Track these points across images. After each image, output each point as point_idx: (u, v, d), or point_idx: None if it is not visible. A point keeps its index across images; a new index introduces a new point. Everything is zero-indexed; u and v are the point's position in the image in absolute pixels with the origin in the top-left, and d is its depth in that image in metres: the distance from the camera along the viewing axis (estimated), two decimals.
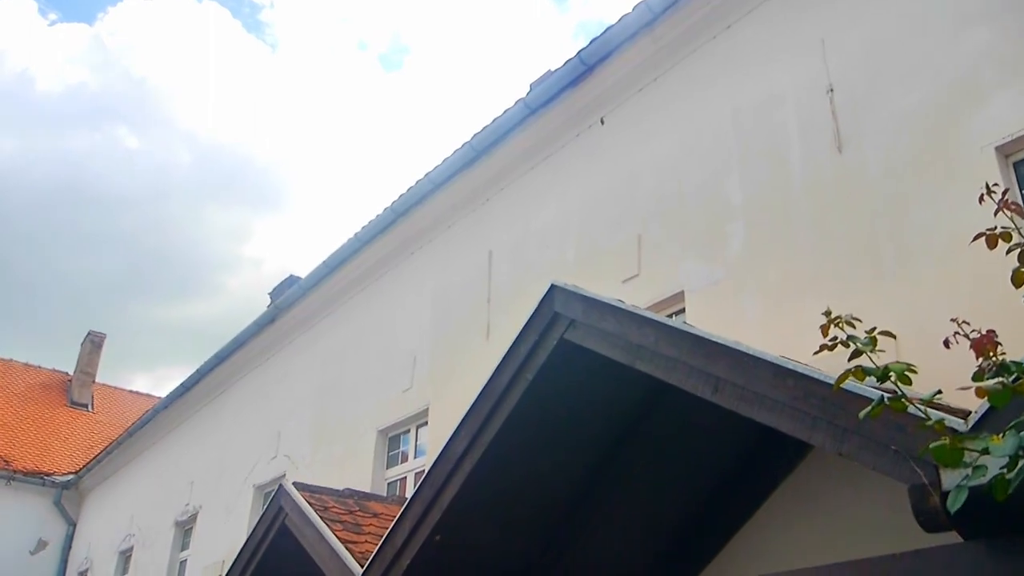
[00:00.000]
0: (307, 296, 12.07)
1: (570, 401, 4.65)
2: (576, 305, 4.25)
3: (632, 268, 7.12)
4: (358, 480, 9.31)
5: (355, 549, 5.51)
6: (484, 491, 4.73)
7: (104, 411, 24.67)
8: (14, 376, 24.59)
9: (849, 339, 2.48)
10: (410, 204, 10.01)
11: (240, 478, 12.82)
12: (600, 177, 7.88)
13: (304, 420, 11.62)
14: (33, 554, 20.37)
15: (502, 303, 8.55)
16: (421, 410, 9.23)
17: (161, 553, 15.22)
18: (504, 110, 8.73)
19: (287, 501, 6.13)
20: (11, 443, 21.29)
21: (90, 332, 25.98)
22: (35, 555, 20.39)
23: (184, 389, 15.34)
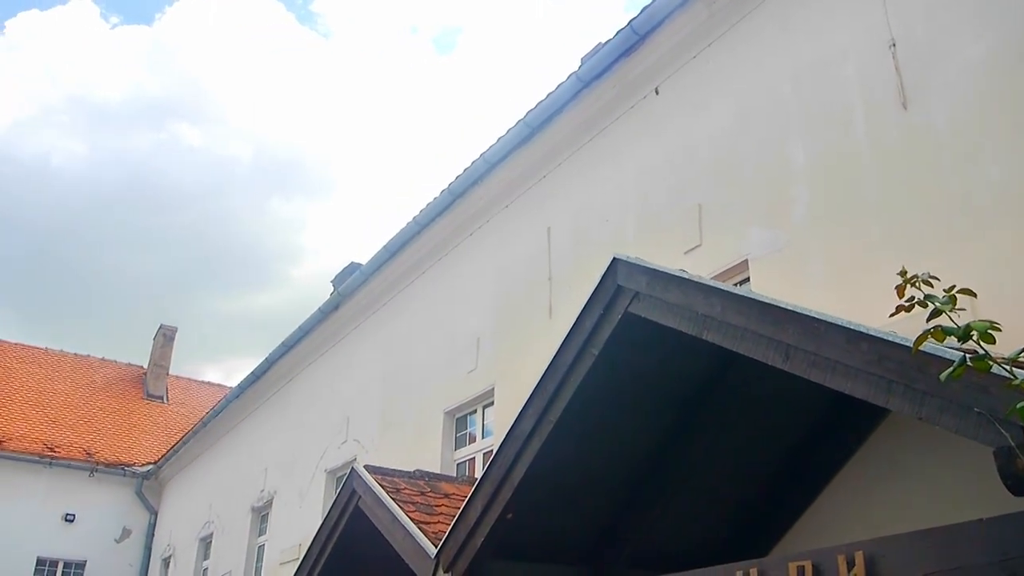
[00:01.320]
0: (369, 282, 12.18)
1: (637, 375, 4.61)
2: (640, 277, 4.19)
3: (694, 238, 7.02)
4: (427, 461, 9.39)
5: (428, 529, 5.55)
6: (553, 469, 4.72)
7: (179, 402, 25.35)
8: (92, 371, 25.38)
9: (927, 298, 2.39)
10: (467, 185, 10.01)
11: (312, 463, 13.05)
12: (657, 147, 7.77)
13: (372, 404, 11.76)
14: (119, 542, 21.11)
15: (563, 280, 8.51)
16: (486, 390, 9.26)
17: (239, 539, 15.62)
18: (557, 85, 8.66)
19: (360, 484, 6.21)
20: (93, 436, 22.02)
21: (162, 326, 26.67)
22: (120, 543, 21.12)
23: (254, 378, 15.66)
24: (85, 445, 21.45)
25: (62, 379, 24.16)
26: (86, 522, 20.64)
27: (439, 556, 5.14)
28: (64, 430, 21.73)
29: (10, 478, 20.00)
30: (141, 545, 21.31)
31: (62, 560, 20.34)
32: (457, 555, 5.00)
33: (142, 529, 21.45)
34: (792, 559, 3.51)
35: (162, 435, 22.78)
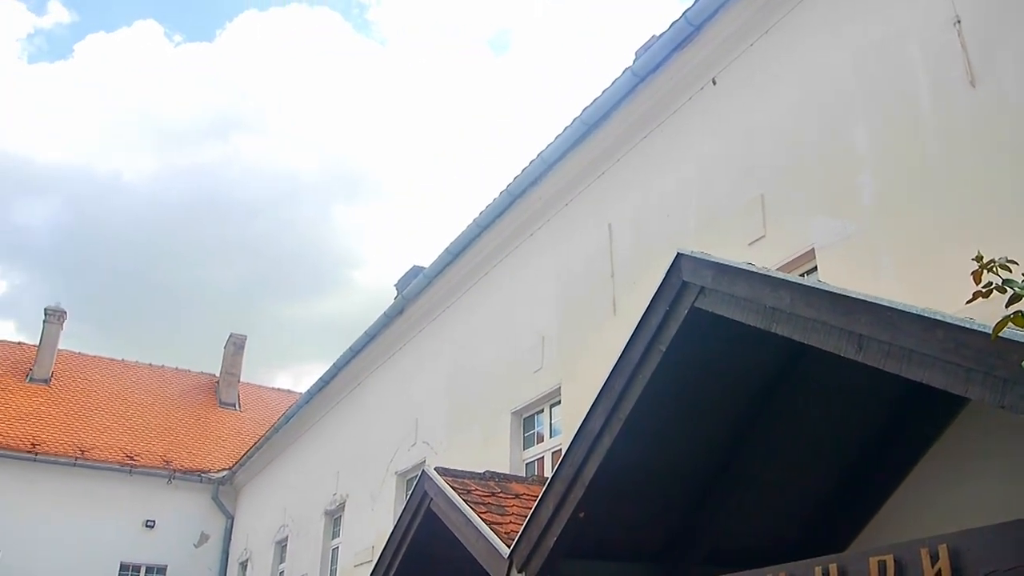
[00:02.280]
0: (432, 285, 12.28)
1: (705, 371, 4.57)
2: (705, 272, 4.15)
3: (757, 230, 6.92)
4: (496, 462, 9.43)
5: (500, 530, 5.58)
6: (624, 466, 4.70)
7: (251, 409, 25.88)
8: (167, 381, 26.06)
9: (1006, 283, 2.33)
10: (526, 185, 10.02)
11: (382, 466, 13.21)
12: (717, 139, 7.68)
13: (439, 406, 11.86)
14: (197, 547, 21.64)
15: (626, 276, 8.47)
16: (553, 389, 9.26)
17: (314, 542, 15.88)
18: (612, 81, 8.61)
19: (431, 486, 6.26)
20: (170, 444, 22.61)
21: (231, 335, 27.26)
22: (199, 548, 21.65)
23: (323, 383, 15.90)
24: (163, 453, 22.04)
25: (139, 390, 24.86)
26: (166, 528, 21.21)
27: (512, 556, 5.16)
28: (143, 439, 22.36)
29: (93, 487, 20.67)
30: (219, 549, 21.82)
31: (144, 565, 20.94)
32: (530, 555, 5.01)
33: (219, 534, 21.96)
34: (873, 554, 3.45)
35: (236, 442, 23.29)
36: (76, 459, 20.66)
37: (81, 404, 23.13)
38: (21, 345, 25.42)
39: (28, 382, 23.39)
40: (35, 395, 22.90)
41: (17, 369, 23.88)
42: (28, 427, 21.18)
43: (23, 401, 22.37)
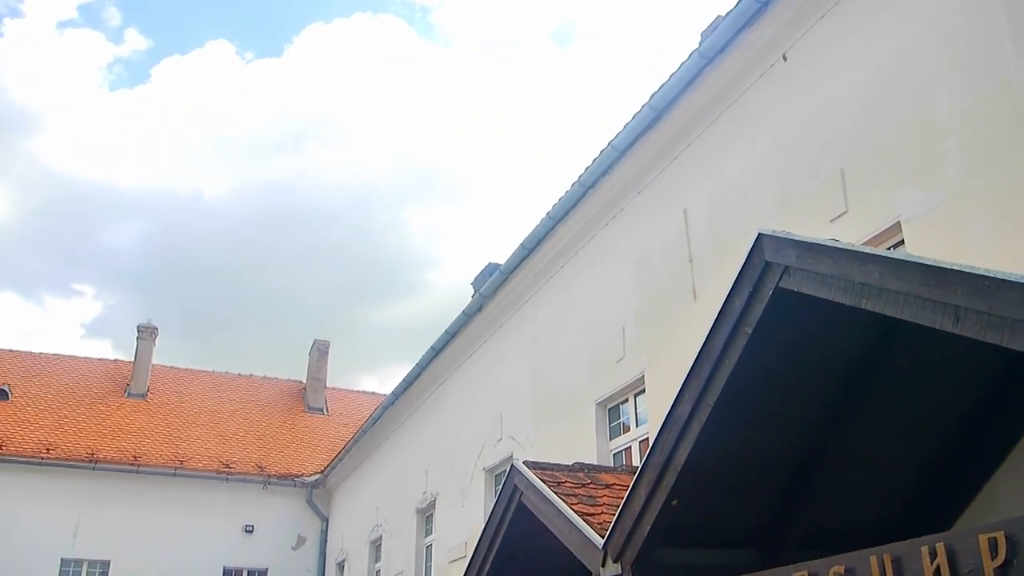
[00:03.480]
0: (509, 281, 12.33)
1: (794, 351, 4.48)
2: (788, 251, 4.07)
3: (839, 205, 6.76)
4: (583, 453, 9.42)
5: (593, 521, 5.58)
6: (715, 452, 4.65)
7: (338, 413, 26.40)
8: (256, 389, 26.79)
9: None
10: (597, 175, 9.98)
11: (470, 463, 13.33)
12: (791, 116, 7.52)
13: (524, 400, 11.90)
14: (295, 549, 22.19)
15: (705, 261, 8.37)
16: (636, 378, 9.21)
17: (407, 540, 16.12)
18: (679, 64, 8.51)
19: (521, 480, 6.29)
20: (263, 451, 23.24)
21: (315, 341, 27.84)
22: (297, 550, 22.19)
23: (407, 384, 16.12)
24: (257, 460, 22.66)
25: (230, 399, 25.61)
26: (264, 532, 21.82)
27: (607, 546, 5.16)
28: (237, 447, 23.03)
29: (193, 495, 21.38)
30: (316, 551, 22.34)
31: (245, 569, 21.58)
32: (625, 544, 5.00)
33: (316, 536, 22.48)
34: (982, 531, 3.33)
35: (326, 445, 23.80)
36: (176, 469, 21.42)
37: (177, 416, 23.95)
38: (118, 362, 26.44)
39: (127, 397, 24.33)
40: (134, 410, 23.80)
41: (116, 386, 24.84)
42: (129, 441, 22.03)
43: (123, 416, 23.28)
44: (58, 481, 20.52)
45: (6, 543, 19.21)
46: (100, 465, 20.87)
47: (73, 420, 22.41)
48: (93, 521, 20.38)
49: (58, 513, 20.13)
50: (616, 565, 5.10)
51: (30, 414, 22.19)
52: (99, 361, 26.54)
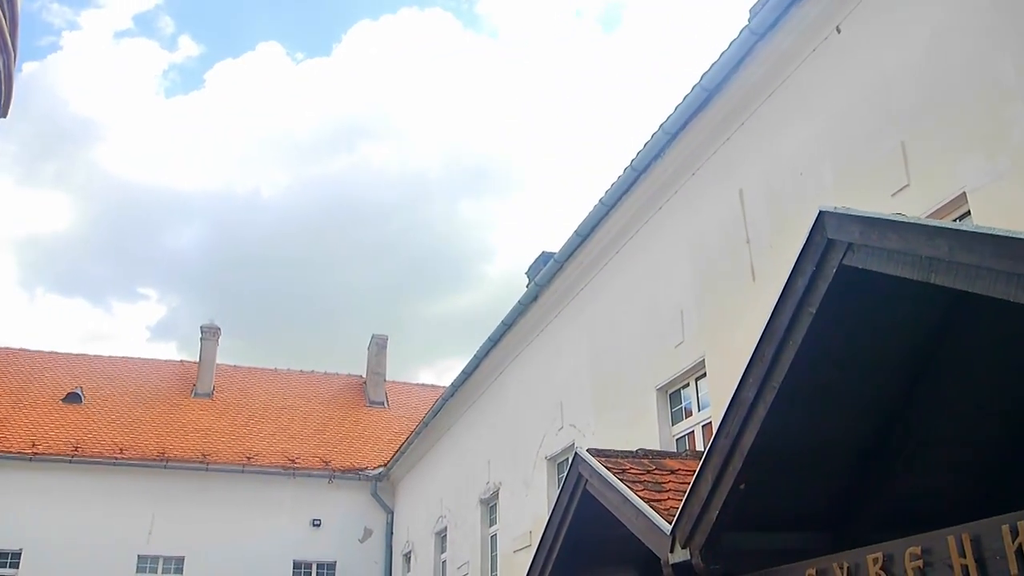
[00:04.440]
0: (564, 269, 12.30)
1: (860, 329, 4.39)
2: (851, 227, 3.98)
3: (900, 179, 6.61)
4: (645, 440, 9.38)
5: (659, 507, 5.55)
6: (782, 435, 4.58)
7: (398, 406, 26.66)
8: (318, 385, 27.19)
9: None
10: (649, 159, 9.89)
11: (532, 452, 13.35)
12: (847, 89, 7.36)
13: (583, 388, 11.88)
14: (362, 542, 22.49)
15: (762, 241, 8.25)
16: (697, 362, 9.13)
17: (472, 530, 16.23)
18: (729, 42, 8.38)
19: (585, 468, 6.28)
20: (327, 445, 23.58)
21: (374, 335, 28.13)
22: (364, 543, 22.49)
23: (465, 376, 16.21)
24: (321, 455, 23.00)
25: (293, 396, 26.04)
26: (331, 526, 22.14)
27: (675, 532, 5.12)
28: (302, 442, 23.41)
29: (261, 491, 21.80)
30: (382, 543, 22.61)
31: (315, 563, 21.93)
32: (693, 530, 4.96)
33: (381, 528, 22.75)
34: None
35: (387, 438, 24.05)
36: (243, 466, 21.85)
37: (242, 414, 24.43)
38: (183, 363, 27.05)
39: (193, 397, 24.88)
40: (201, 409, 24.33)
41: (182, 386, 25.43)
42: (198, 440, 22.53)
43: (191, 416, 23.81)
44: (132, 481, 21.09)
45: (85, 542, 19.82)
46: (171, 464, 21.39)
47: (143, 421, 23.00)
48: (166, 518, 20.91)
49: (133, 511, 20.70)
50: (684, 551, 5.06)
51: (102, 416, 22.82)
52: (165, 362, 27.20)
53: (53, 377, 24.28)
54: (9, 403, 22.58)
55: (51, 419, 22.23)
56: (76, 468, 20.83)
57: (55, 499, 20.24)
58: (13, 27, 8.01)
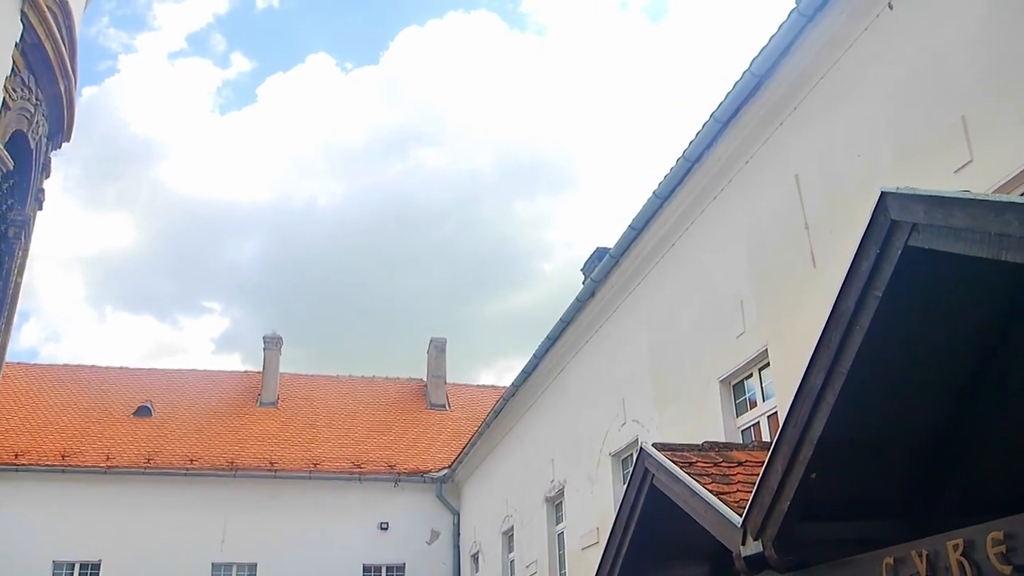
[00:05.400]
0: (620, 264, 12.23)
1: (929, 311, 4.28)
2: (915, 207, 3.89)
3: (962, 155, 6.42)
4: (709, 432, 9.29)
5: (729, 499, 5.49)
6: (853, 422, 4.49)
7: (460, 408, 26.81)
8: (379, 390, 27.49)
9: None
10: (702, 149, 9.78)
11: (596, 448, 13.31)
12: (902, 66, 7.19)
13: (644, 383, 11.81)
14: (430, 544, 22.66)
15: (821, 226, 8.10)
16: (759, 352, 9.00)
17: (539, 529, 16.24)
18: (778, 26, 8.24)
19: (651, 463, 6.24)
20: (391, 449, 23.82)
21: (432, 339, 28.33)
22: (431, 544, 22.65)
23: (525, 375, 16.22)
24: (386, 458, 23.24)
25: (356, 402, 26.37)
26: (398, 528, 22.37)
27: (746, 524, 5.06)
28: (366, 447, 23.69)
29: (328, 496, 22.11)
30: (450, 544, 22.76)
31: (384, 565, 22.17)
32: (764, 521, 4.89)
33: (448, 529, 22.90)
34: None
35: (450, 440, 24.20)
36: (310, 472, 22.19)
37: (307, 421, 24.81)
38: (248, 373, 27.58)
39: (259, 406, 25.34)
40: (267, 418, 24.77)
41: (248, 396, 25.92)
42: (265, 448, 22.95)
43: (257, 425, 24.27)
44: (203, 490, 21.56)
45: (161, 551, 20.32)
46: (240, 473, 21.81)
47: (212, 431, 23.49)
48: (238, 526, 21.33)
49: (205, 520, 21.16)
50: (756, 543, 5.00)
51: (172, 428, 23.37)
52: (230, 373, 27.76)
53: (124, 392, 24.93)
54: (83, 419, 23.25)
55: (124, 433, 22.84)
56: (149, 480, 21.38)
57: (130, 510, 20.79)
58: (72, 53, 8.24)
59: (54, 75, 7.95)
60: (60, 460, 21.13)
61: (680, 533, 6.29)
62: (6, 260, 8.02)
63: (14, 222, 8.08)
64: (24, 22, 7.31)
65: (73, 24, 8.26)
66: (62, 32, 7.93)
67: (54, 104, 8.20)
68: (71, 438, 22.17)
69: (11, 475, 20.19)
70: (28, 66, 7.53)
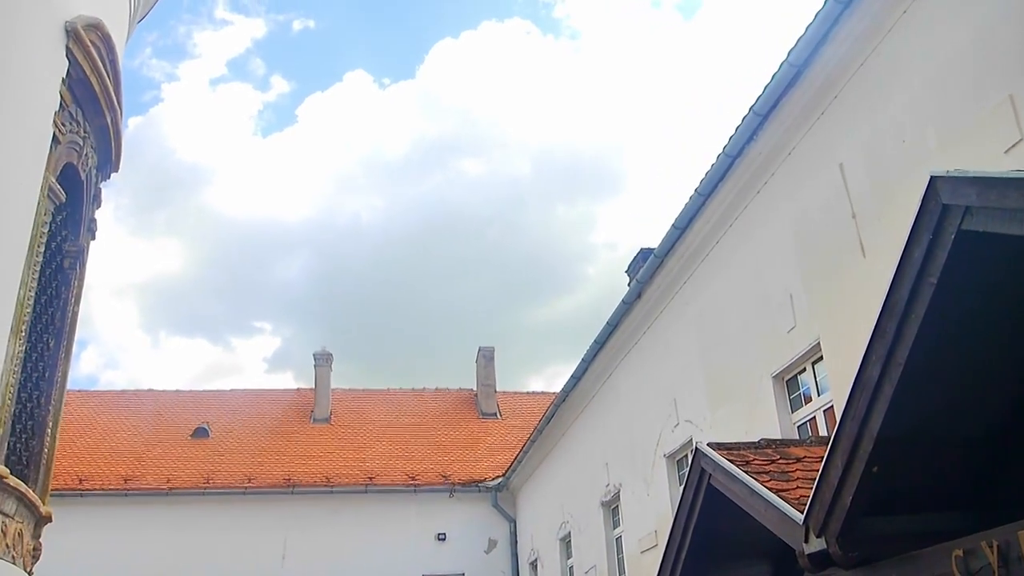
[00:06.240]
0: (665, 264, 12.15)
1: (986, 296, 4.18)
2: (967, 190, 3.80)
3: (1012, 133, 6.27)
4: (764, 429, 9.17)
5: (789, 496, 5.41)
6: (913, 412, 4.40)
7: (511, 416, 26.81)
8: (430, 401, 27.62)
9: None
10: (742, 143, 9.68)
11: (650, 451, 13.22)
12: (945, 46, 7.04)
13: (696, 382, 11.70)
14: (488, 553, 22.67)
15: (869, 215, 7.97)
16: (812, 346, 8.87)
17: (596, 534, 16.16)
18: (814, 14, 8.14)
19: (708, 463, 6.18)
20: (445, 459, 23.91)
21: (480, 348, 28.38)
22: (489, 553, 22.66)
23: (575, 380, 16.17)
24: (440, 469, 23.33)
25: (408, 414, 26.52)
26: (456, 538, 22.43)
27: (808, 521, 4.99)
28: (420, 459, 23.81)
29: (385, 509, 22.27)
30: (508, 553, 22.75)
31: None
32: (827, 517, 4.81)
33: (505, 538, 22.90)
34: None
35: (503, 448, 24.20)
36: (366, 486, 22.35)
37: (360, 436, 25.02)
38: (300, 391, 27.88)
39: (312, 423, 25.62)
40: (321, 434, 25.03)
41: (301, 413, 26.22)
42: (321, 464, 23.18)
43: (312, 441, 24.54)
44: (262, 508, 21.84)
45: (223, 569, 20.58)
46: (297, 489, 22.06)
47: (268, 450, 23.80)
48: (297, 543, 21.55)
49: (266, 537, 21.42)
50: (820, 540, 4.92)
51: (229, 448, 23.72)
52: (283, 391, 28.10)
53: (181, 414, 25.37)
54: (143, 442, 23.70)
55: (182, 455, 23.23)
56: (209, 500, 21.71)
57: (191, 531, 21.12)
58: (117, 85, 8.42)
59: (100, 108, 8.13)
60: (122, 484, 21.58)
61: (740, 533, 6.22)
62: (63, 291, 8.20)
63: (69, 253, 8.26)
64: (69, 57, 7.49)
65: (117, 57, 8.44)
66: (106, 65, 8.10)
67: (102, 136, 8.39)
68: (132, 462, 22.62)
69: (76, 500, 20.60)
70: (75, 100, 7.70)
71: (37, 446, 7.64)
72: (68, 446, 22.28)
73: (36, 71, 7.18)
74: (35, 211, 7.07)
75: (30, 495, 7.02)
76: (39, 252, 7.19)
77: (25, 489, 6.90)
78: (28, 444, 7.54)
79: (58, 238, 8.05)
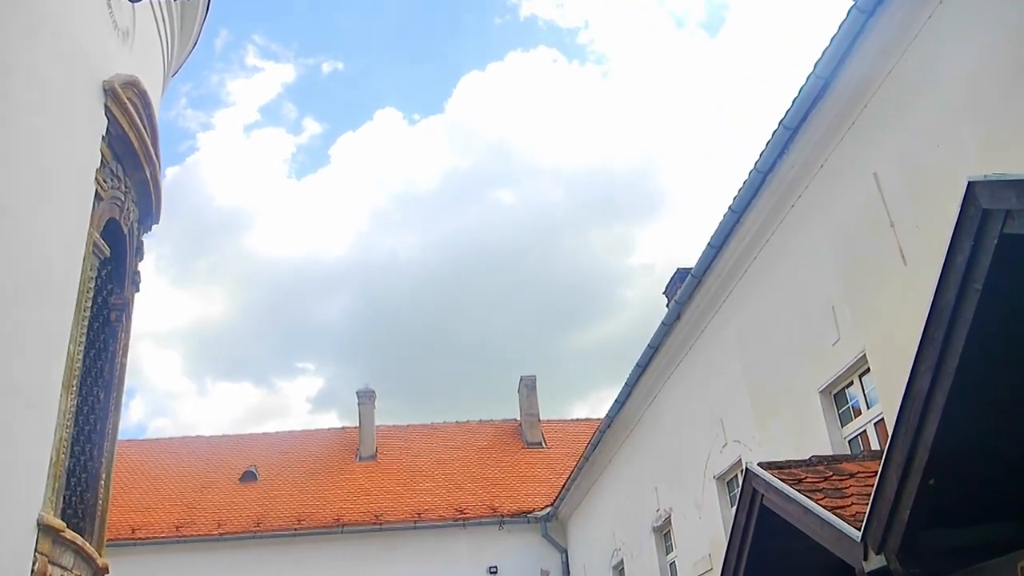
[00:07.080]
0: (703, 283, 12.08)
1: None
2: (1007, 193, 3.76)
3: None
4: (814, 446, 9.03)
5: (844, 513, 5.32)
6: (967, 421, 4.32)
7: (556, 444, 26.66)
8: (475, 434, 27.58)
9: None
10: (773, 158, 9.63)
11: (698, 473, 13.07)
12: (977, 47, 6.96)
13: (742, 401, 11.57)
14: None
15: (907, 222, 7.87)
16: (858, 358, 8.74)
17: (649, 560, 15.97)
18: (839, 24, 8.11)
19: (759, 483, 6.10)
20: (492, 491, 23.81)
21: (522, 377, 28.33)
22: None
23: (619, 405, 16.07)
24: (488, 502, 23.23)
25: (453, 447, 26.50)
26: (508, 571, 22.29)
27: (865, 538, 4.90)
28: (467, 492, 23.74)
29: (435, 544, 22.21)
30: None
31: None
32: (885, 533, 4.72)
33: (557, 568, 22.70)
34: None
35: (550, 478, 24.06)
36: (415, 522, 22.32)
37: (407, 472, 25.02)
38: (345, 430, 28.00)
39: (359, 461, 25.68)
40: (367, 471, 25.08)
41: (347, 451, 26.31)
42: (369, 502, 23.21)
43: (359, 479, 24.58)
44: (312, 548, 21.89)
45: None
46: (347, 528, 22.08)
47: (316, 490, 23.89)
48: None
49: None
50: (880, 556, 4.83)
51: (278, 490, 23.85)
52: (328, 431, 28.23)
53: (229, 458, 25.59)
54: (193, 488, 23.92)
55: (232, 499, 23.40)
56: (260, 543, 21.82)
57: (244, 574, 21.20)
58: (154, 139, 8.62)
59: (140, 162, 8.33)
60: (174, 531, 21.78)
61: (797, 553, 6.12)
62: (111, 343, 8.37)
63: (115, 306, 8.44)
64: (108, 116, 7.69)
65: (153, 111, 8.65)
66: (143, 120, 8.31)
67: (142, 189, 8.58)
68: (183, 508, 22.83)
69: (130, 549, 20.80)
70: (115, 156, 7.90)
71: (92, 498, 7.76)
72: (120, 496, 22.52)
73: (78, 131, 7.39)
74: (81, 267, 7.25)
75: (87, 548, 7.12)
76: (87, 307, 7.35)
77: (82, 542, 7.00)
78: (83, 497, 7.66)
79: (104, 292, 8.22)
